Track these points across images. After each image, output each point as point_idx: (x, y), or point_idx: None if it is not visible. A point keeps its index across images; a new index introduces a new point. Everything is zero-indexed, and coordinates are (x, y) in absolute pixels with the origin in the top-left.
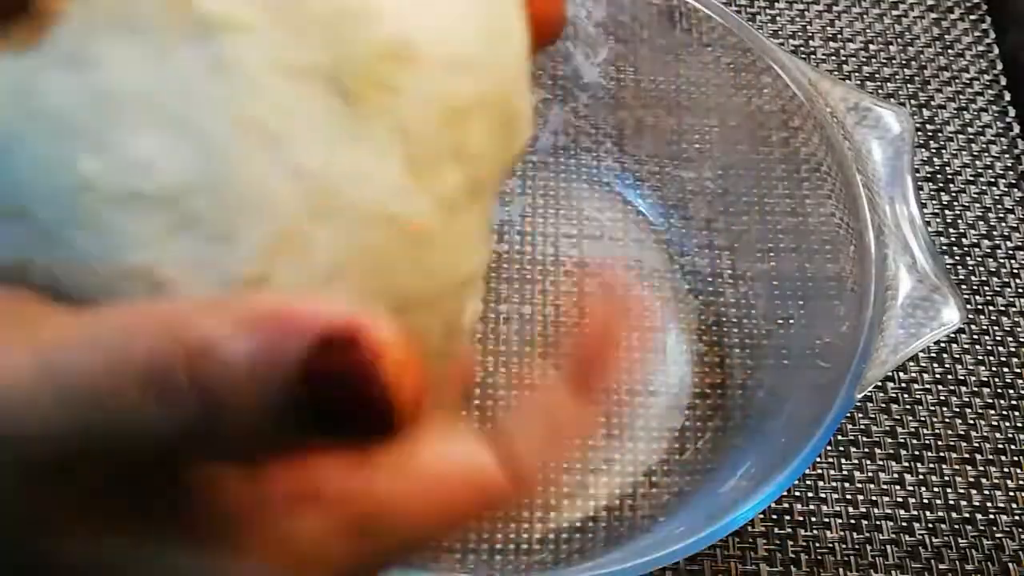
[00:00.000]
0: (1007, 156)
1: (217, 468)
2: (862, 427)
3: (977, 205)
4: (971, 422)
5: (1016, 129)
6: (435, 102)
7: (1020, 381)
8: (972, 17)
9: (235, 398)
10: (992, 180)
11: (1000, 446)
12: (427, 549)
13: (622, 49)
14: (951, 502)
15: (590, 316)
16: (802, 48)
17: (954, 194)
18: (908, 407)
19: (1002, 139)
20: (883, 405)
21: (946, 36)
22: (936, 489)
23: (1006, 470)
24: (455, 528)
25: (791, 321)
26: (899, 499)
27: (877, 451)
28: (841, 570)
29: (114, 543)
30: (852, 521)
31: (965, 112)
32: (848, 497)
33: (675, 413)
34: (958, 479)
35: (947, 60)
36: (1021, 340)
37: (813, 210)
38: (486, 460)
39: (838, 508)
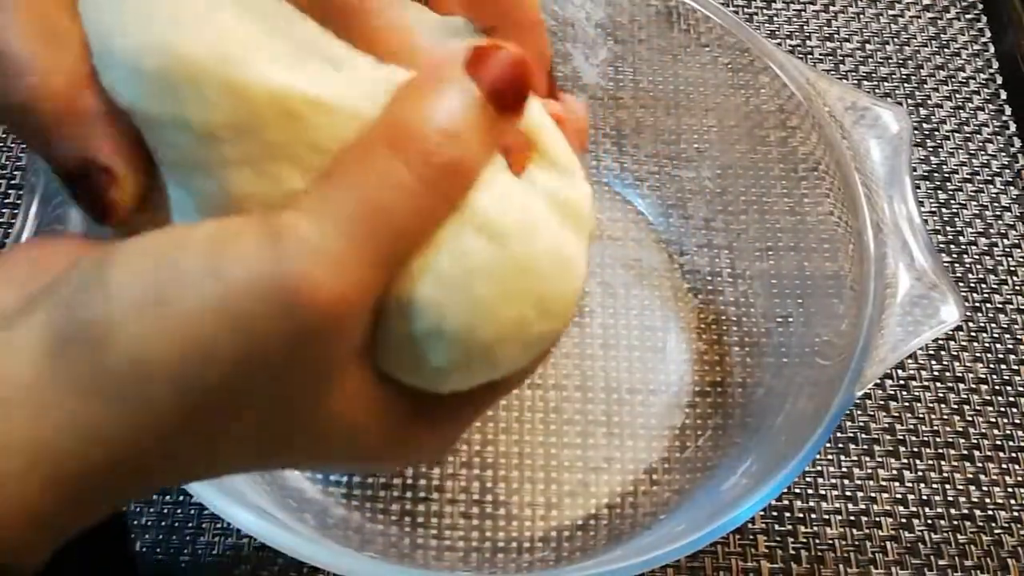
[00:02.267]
0: (1003, 154)
1: None
2: (861, 424)
3: (974, 203)
4: (969, 419)
5: (1012, 128)
6: None
7: (1018, 378)
8: (968, 16)
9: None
10: (988, 178)
11: (998, 442)
12: None
13: (621, 50)
14: (950, 498)
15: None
16: (799, 48)
17: (951, 192)
18: (907, 404)
19: (998, 137)
20: (882, 402)
21: (942, 35)
22: (935, 485)
23: (1004, 466)
24: None
25: (790, 319)
26: (898, 495)
27: (876, 448)
28: (841, 566)
29: None
30: (852, 518)
31: (961, 111)
32: (848, 494)
33: (675, 411)
34: (957, 475)
35: (943, 59)
36: (1018, 337)
37: (811, 209)
38: None
39: (838, 505)
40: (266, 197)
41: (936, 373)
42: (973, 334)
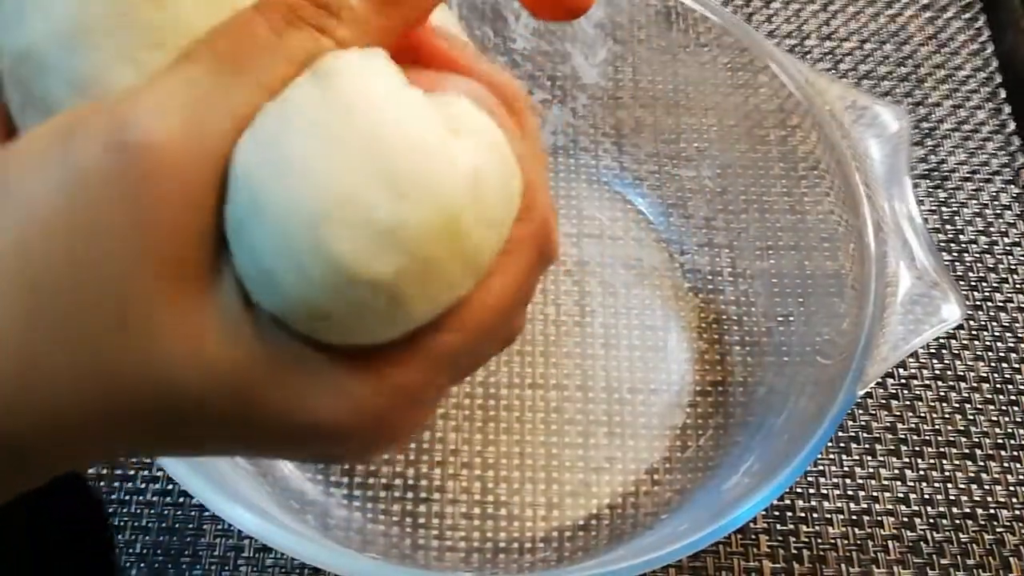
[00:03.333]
0: (1002, 153)
1: None
2: (863, 423)
3: (974, 202)
4: (971, 417)
5: (1011, 126)
6: None
7: (1019, 376)
8: (966, 16)
9: None
10: (988, 177)
11: (1000, 441)
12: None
13: (620, 49)
14: (952, 497)
15: None
16: (798, 47)
17: (950, 191)
18: (908, 403)
19: (997, 136)
20: (883, 401)
21: (941, 35)
22: (937, 484)
23: (1006, 465)
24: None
25: (791, 318)
26: (900, 495)
27: (878, 447)
28: (843, 566)
29: None
30: (854, 517)
31: (960, 109)
32: (849, 493)
33: (676, 411)
34: (958, 474)
35: (942, 58)
36: (1019, 335)
37: (811, 208)
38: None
39: (840, 504)
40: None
41: (937, 372)
42: (974, 332)
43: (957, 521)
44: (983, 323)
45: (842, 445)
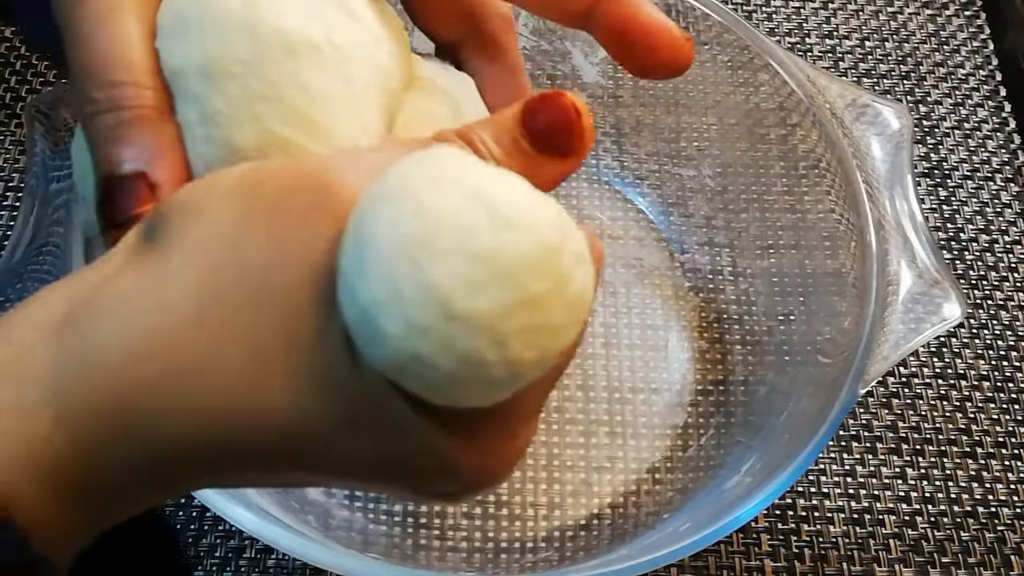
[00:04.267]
0: (1003, 151)
1: None
2: (863, 422)
3: (974, 200)
4: (971, 416)
5: (1012, 124)
6: None
7: (1019, 374)
8: (967, 13)
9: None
10: (989, 175)
11: (1000, 439)
12: None
13: None
14: (953, 496)
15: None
16: (799, 45)
17: (951, 189)
18: (909, 402)
19: (998, 134)
20: (884, 400)
21: (941, 33)
22: (938, 483)
23: (1007, 463)
24: None
25: (792, 317)
26: (901, 493)
27: (879, 446)
28: (844, 565)
29: None
30: (855, 516)
31: (961, 108)
32: (851, 492)
33: (678, 410)
34: (959, 473)
35: (943, 56)
36: (1020, 334)
37: (812, 206)
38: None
39: (841, 503)
40: (259, 139)
41: (938, 370)
42: (975, 331)
43: (958, 519)
44: (984, 321)
45: (843, 444)
